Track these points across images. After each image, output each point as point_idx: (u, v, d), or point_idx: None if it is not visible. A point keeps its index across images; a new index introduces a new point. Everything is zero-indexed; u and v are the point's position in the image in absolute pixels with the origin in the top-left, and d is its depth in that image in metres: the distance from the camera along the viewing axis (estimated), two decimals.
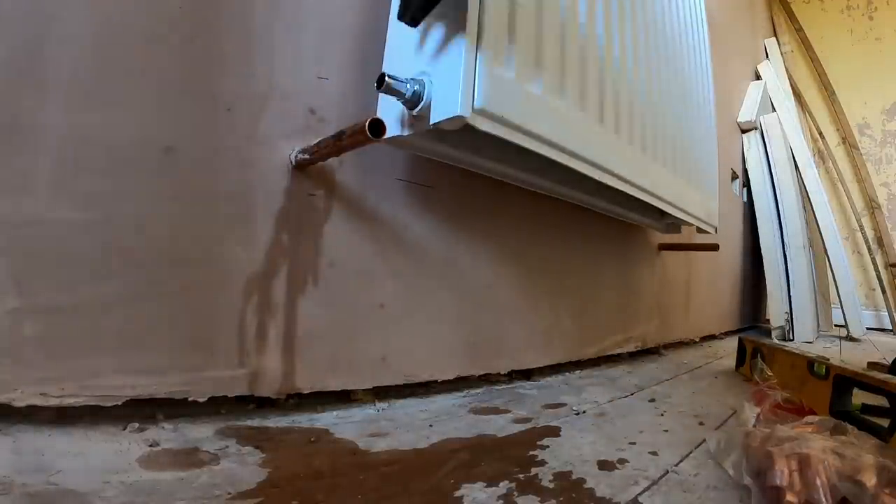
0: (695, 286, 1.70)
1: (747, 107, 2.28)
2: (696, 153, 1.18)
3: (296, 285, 0.60)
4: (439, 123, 0.54)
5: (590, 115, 0.75)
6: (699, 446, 0.60)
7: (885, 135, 2.85)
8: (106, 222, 0.47)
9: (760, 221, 2.14)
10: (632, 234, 1.30)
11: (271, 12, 0.59)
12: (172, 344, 0.52)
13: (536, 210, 0.95)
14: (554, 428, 0.65)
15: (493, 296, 0.87)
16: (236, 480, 0.42)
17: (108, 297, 0.47)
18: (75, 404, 0.46)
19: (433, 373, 0.76)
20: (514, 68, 0.60)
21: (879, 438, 0.53)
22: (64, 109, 0.45)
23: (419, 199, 0.74)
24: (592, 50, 0.76)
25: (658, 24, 1.01)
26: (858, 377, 0.70)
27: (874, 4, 2.92)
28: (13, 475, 0.37)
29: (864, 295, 2.72)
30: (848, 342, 2.01)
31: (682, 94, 1.11)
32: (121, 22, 0.48)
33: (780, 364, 0.93)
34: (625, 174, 0.85)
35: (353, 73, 0.65)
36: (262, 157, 0.58)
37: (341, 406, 0.65)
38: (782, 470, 0.43)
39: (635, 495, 0.46)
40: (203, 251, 0.54)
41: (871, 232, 2.74)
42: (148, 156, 0.50)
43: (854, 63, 2.91)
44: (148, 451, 0.45)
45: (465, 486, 0.45)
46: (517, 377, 0.92)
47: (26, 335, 0.44)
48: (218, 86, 0.54)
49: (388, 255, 0.70)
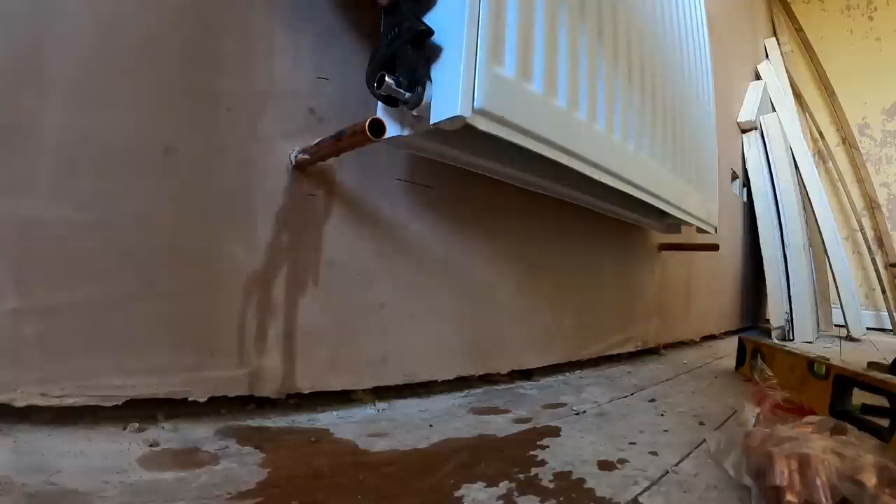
0: (695, 286, 1.70)
1: (747, 107, 2.28)
2: (696, 153, 1.18)
3: (296, 285, 0.60)
4: (439, 123, 0.54)
5: (590, 115, 0.75)
6: (699, 446, 0.60)
7: (885, 135, 2.86)
8: (106, 222, 0.47)
9: (760, 221, 2.14)
10: (632, 234, 1.30)
11: (271, 12, 0.59)
12: (172, 344, 0.52)
13: (536, 210, 0.95)
14: (554, 428, 0.65)
15: (493, 296, 0.87)
16: (236, 480, 0.42)
17: (108, 297, 0.47)
18: (75, 404, 0.46)
19: (433, 373, 0.76)
20: (513, 68, 0.60)
21: (879, 438, 0.53)
22: (64, 109, 0.45)
23: (419, 199, 0.74)
24: (593, 49, 0.76)
25: (658, 25, 1.01)
26: (858, 377, 0.70)
27: (874, 4, 2.92)
28: (13, 475, 0.37)
29: (864, 295, 2.72)
30: (848, 342, 2.01)
31: (682, 93, 1.11)
32: (121, 22, 0.48)
33: (780, 364, 0.93)
34: (625, 174, 0.85)
35: (353, 73, 0.65)
36: (262, 157, 0.58)
37: (341, 406, 0.65)
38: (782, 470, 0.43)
39: (635, 495, 0.46)
40: (203, 251, 0.54)
41: (871, 232, 2.74)
42: (148, 156, 0.50)
43: (854, 63, 2.91)
44: (148, 451, 0.45)
45: (465, 486, 0.45)
46: (517, 377, 0.92)
47: (26, 335, 0.44)
48: (218, 86, 0.54)
49: (388, 255, 0.70)
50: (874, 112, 2.88)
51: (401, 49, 0.54)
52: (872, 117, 2.88)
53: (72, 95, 0.46)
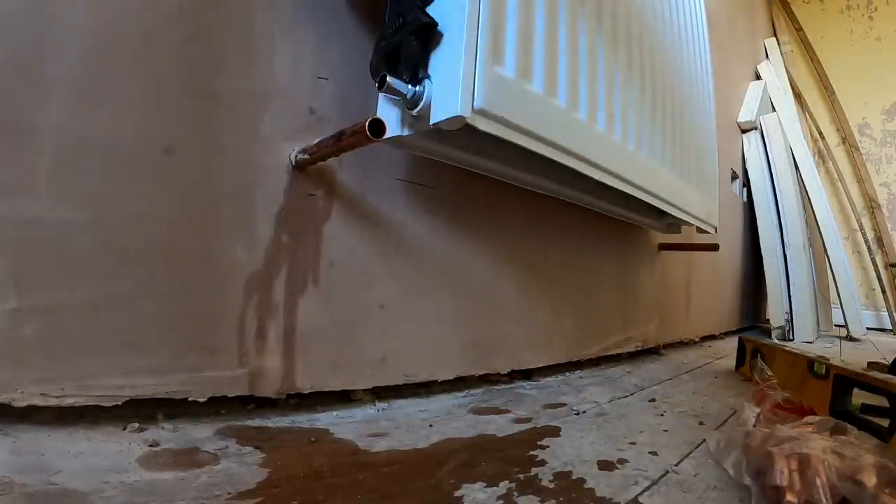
0: (695, 286, 1.70)
1: (747, 107, 2.28)
2: (696, 153, 1.18)
3: (296, 285, 0.60)
4: (439, 123, 0.54)
5: (590, 115, 0.75)
6: (699, 446, 0.60)
7: (885, 135, 2.86)
8: (106, 222, 0.47)
9: (760, 221, 2.14)
10: (632, 234, 1.30)
11: (271, 12, 0.59)
12: (172, 344, 0.52)
13: (536, 210, 0.95)
14: (554, 428, 0.65)
15: (493, 296, 0.87)
16: (236, 480, 0.42)
17: (107, 297, 0.47)
18: (75, 404, 0.46)
19: (433, 373, 0.76)
20: (514, 68, 0.60)
21: (879, 438, 0.53)
22: (64, 109, 0.45)
23: (419, 199, 0.74)
24: (593, 50, 0.76)
25: (658, 24, 1.01)
26: (858, 377, 0.70)
27: (874, 4, 2.92)
28: (13, 475, 0.37)
29: (864, 295, 2.72)
30: (848, 342, 2.01)
31: (682, 93, 1.11)
32: (121, 22, 0.48)
33: (780, 364, 0.93)
34: (625, 174, 0.85)
35: (353, 73, 0.65)
36: (262, 157, 0.58)
37: (341, 406, 0.65)
38: (782, 470, 0.43)
39: (635, 495, 0.46)
40: (203, 251, 0.54)
41: (871, 232, 2.74)
42: (148, 156, 0.50)
43: (854, 63, 2.91)
44: (148, 451, 0.45)
45: (465, 486, 0.45)
46: (517, 377, 0.92)
47: (26, 335, 0.44)
48: (218, 86, 0.54)
49: (388, 255, 0.70)
50: (874, 112, 2.88)
51: (405, 40, 0.53)
52: (872, 117, 2.88)
53: (72, 95, 0.46)
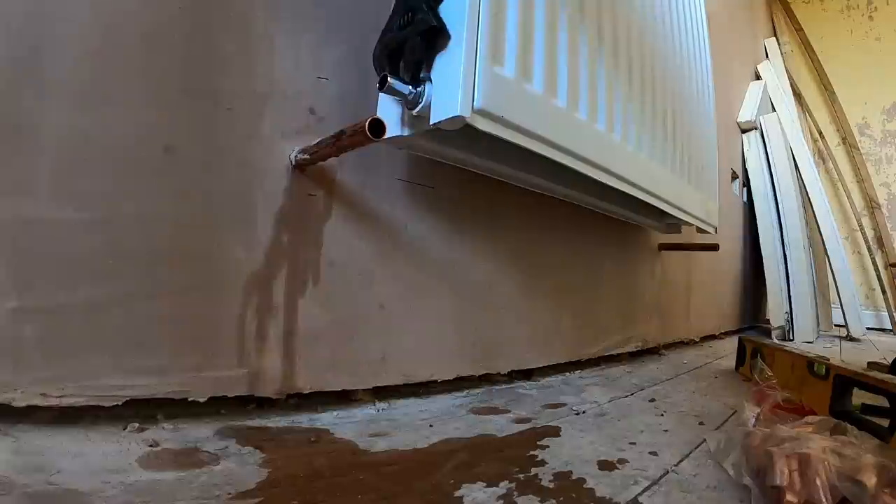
0: (695, 286, 1.70)
1: (747, 107, 2.28)
2: (696, 153, 1.18)
3: (296, 285, 0.60)
4: (439, 123, 0.54)
5: (590, 115, 0.75)
6: (699, 446, 0.60)
7: (885, 135, 2.86)
8: (106, 222, 0.47)
9: (760, 221, 2.14)
10: (632, 234, 1.30)
11: (271, 12, 0.59)
12: (172, 344, 0.52)
13: (536, 210, 0.95)
14: (554, 428, 0.65)
15: (493, 296, 0.87)
16: (236, 480, 0.42)
17: (108, 297, 0.47)
18: (75, 404, 0.46)
19: (433, 373, 0.76)
20: (513, 68, 0.60)
21: (879, 438, 0.53)
22: (64, 109, 0.45)
23: (419, 199, 0.74)
24: (593, 50, 0.76)
25: (658, 24, 1.01)
26: (858, 377, 0.70)
27: (874, 4, 2.92)
28: (13, 475, 0.37)
29: (864, 295, 2.72)
30: (848, 342, 2.01)
31: (682, 93, 1.11)
32: (121, 22, 0.48)
33: (780, 364, 0.93)
34: (625, 174, 0.85)
35: (353, 73, 0.65)
36: (262, 158, 0.58)
37: (341, 406, 0.65)
38: (782, 470, 0.43)
39: (635, 495, 0.46)
40: (203, 251, 0.54)
41: (871, 232, 2.74)
42: (148, 156, 0.50)
43: (854, 63, 2.91)
44: (148, 451, 0.45)
45: (465, 486, 0.45)
46: (517, 377, 0.92)
47: (26, 335, 0.44)
48: (218, 85, 0.54)
49: (388, 255, 0.70)
50: (874, 112, 2.88)
51: (411, 38, 0.53)
52: (872, 117, 2.88)
53: (72, 95, 0.46)
